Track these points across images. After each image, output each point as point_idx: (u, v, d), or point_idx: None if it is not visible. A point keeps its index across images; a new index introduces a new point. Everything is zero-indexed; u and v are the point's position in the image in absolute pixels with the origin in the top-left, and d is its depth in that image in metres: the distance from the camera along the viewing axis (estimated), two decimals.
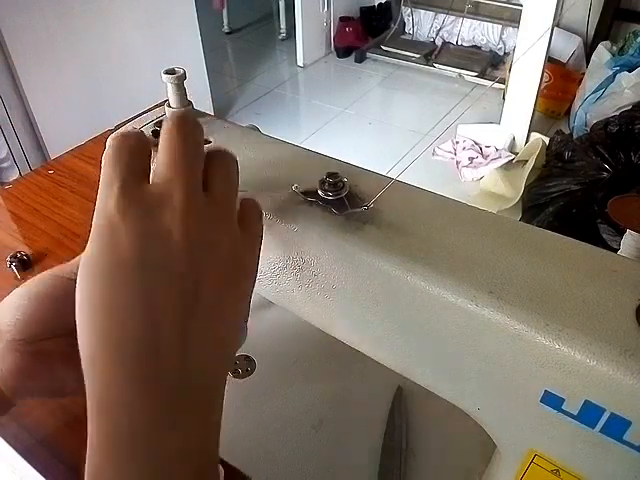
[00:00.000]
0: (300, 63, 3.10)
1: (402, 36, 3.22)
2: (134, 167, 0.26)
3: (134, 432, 0.24)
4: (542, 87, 2.14)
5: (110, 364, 0.24)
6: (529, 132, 2.19)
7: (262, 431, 0.51)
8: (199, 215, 0.26)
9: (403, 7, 3.14)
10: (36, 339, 0.34)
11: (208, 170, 0.28)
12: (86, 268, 0.26)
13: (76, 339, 0.27)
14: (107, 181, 0.26)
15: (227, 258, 0.27)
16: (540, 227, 0.33)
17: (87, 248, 0.26)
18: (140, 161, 0.27)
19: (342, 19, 3.09)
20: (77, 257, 0.35)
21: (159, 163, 0.27)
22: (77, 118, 1.85)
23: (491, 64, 2.89)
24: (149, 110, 0.44)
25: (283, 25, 3.35)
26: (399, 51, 3.01)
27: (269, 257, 0.38)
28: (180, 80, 0.41)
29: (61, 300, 0.34)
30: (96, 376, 0.25)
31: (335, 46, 3.17)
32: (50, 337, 0.34)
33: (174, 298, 0.25)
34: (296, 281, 0.38)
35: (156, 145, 0.28)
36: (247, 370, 0.48)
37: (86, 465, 0.25)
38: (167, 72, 0.41)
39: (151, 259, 0.25)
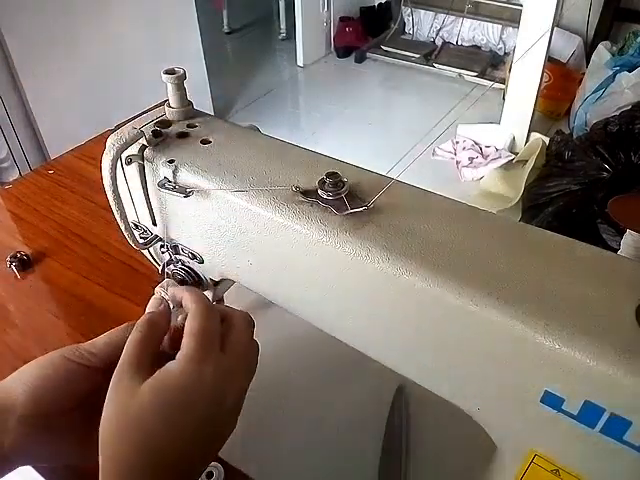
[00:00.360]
0: (300, 63, 3.10)
1: (402, 36, 3.22)
2: (218, 339, 0.37)
3: None
4: (542, 87, 2.14)
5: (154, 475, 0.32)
6: (529, 132, 2.19)
7: (262, 431, 0.51)
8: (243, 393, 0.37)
9: (403, 7, 3.14)
10: (44, 415, 0.38)
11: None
12: (158, 407, 0.33)
13: (80, 414, 0.38)
14: (202, 345, 0.35)
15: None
16: (540, 227, 0.33)
17: (153, 389, 0.34)
18: (219, 333, 0.37)
19: (342, 19, 3.09)
20: (88, 342, 0.40)
21: (233, 342, 0.37)
22: (77, 118, 1.85)
23: (491, 64, 2.89)
24: (149, 110, 0.44)
25: (283, 25, 3.35)
26: (399, 51, 3.01)
27: (269, 257, 0.38)
28: (180, 80, 0.41)
29: (70, 382, 0.38)
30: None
31: (335, 46, 3.17)
32: (58, 413, 0.38)
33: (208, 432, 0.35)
34: (295, 281, 0.38)
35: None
36: None
37: None
38: (167, 72, 0.41)
39: (212, 411, 0.35)
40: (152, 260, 0.50)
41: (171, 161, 0.39)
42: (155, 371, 0.34)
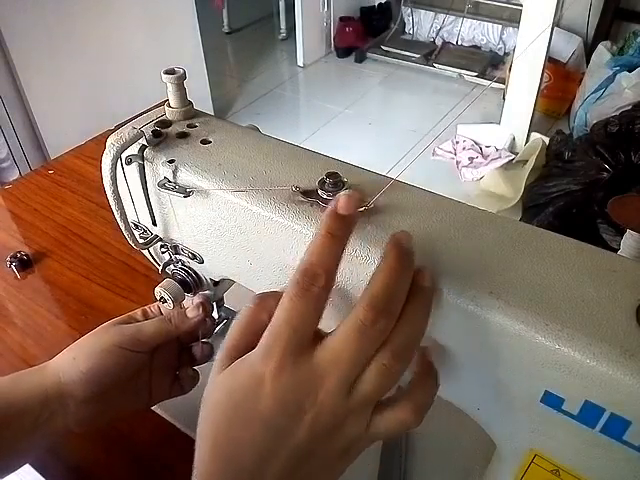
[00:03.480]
0: (300, 63, 3.10)
1: (402, 36, 3.22)
2: (302, 334, 0.28)
3: None
4: (542, 87, 2.14)
5: None
6: (529, 132, 2.19)
7: None
8: (333, 410, 0.28)
9: (403, 7, 3.14)
10: (99, 395, 0.42)
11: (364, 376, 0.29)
12: (222, 405, 0.30)
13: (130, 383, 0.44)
14: (271, 341, 0.28)
15: (341, 448, 0.30)
16: (540, 227, 0.33)
17: (223, 382, 0.30)
18: (309, 327, 0.28)
19: (342, 19, 3.09)
20: (135, 326, 0.45)
21: (338, 336, 0.28)
22: (77, 118, 1.85)
23: (491, 64, 2.89)
24: (149, 110, 0.44)
25: (283, 25, 3.35)
26: (399, 51, 3.01)
27: (269, 257, 0.38)
28: (180, 80, 0.41)
29: (123, 368, 0.43)
30: None
31: (335, 46, 3.17)
32: (111, 391, 0.43)
33: (284, 461, 0.28)
34: None
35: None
36: None
37: None
38: (167, 72, 0.41)
39: (282, 425, 0.28)
40: (152, 260, 0.50)
41: (171, 161, 0.39)
42: None
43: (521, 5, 1.99)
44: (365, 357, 0.28)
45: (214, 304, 0.54)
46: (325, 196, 0.35)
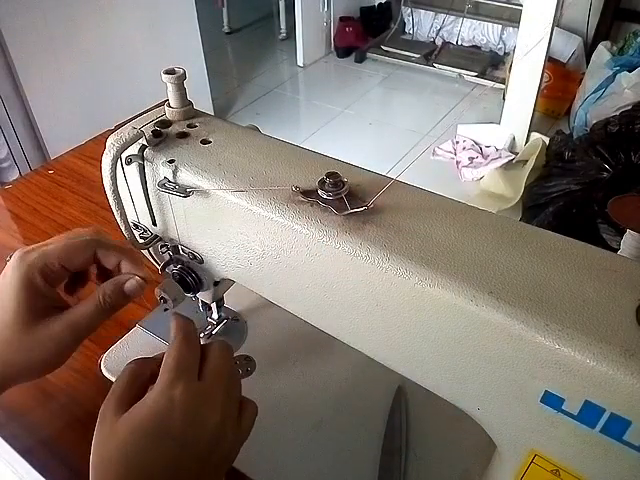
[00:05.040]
0: (300, 63, 3.10)
1: (402, 36, 3.21)
2: (194, 367, 0.37)
3: None
4: (542, 87, 2.14)
5: None
6: (529, 132, 2.19)
7: (262, 431, 0.51)
8: (228, 419, 0.37)
9: (403, 7, 3.14)
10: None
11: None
12: (131, 438, 0.34)
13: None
14: (173, 375, 0.36)
15: (231, 450, 0.37)
16: (540, 227, 0.33)
17: (126, 423, 0.34)
18: (196, 362, 0.38)
19: (342, 19, 3.09)
20: (40, 254, 0.40)
21: (210, 369, 0.38)
22: (77, 118, 1.85)
23: (491, 64, 2.88)
24: (149, 110, 0.44)
25: (283, 25, 3.35)
26: (399, 51, 3.00)
27: (269, 257, 0.38)
28: (180, 80, 0.41)
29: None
30: None
31: (335, 46, 3.16)
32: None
33: (189, 471, 0.35)
34: (296, 281, 0.38)
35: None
36: (247, 370, 0.48)
37: None
38: (167, 72, 0.41)
39: (189, 436, 0.35)
40: (152, 260, 0.50)
41: (171, 161, 0.39)
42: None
43: (521, 5, 1.99)
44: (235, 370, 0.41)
45: (214, 304, 0.54)
46: (325, 196, 0.35)
